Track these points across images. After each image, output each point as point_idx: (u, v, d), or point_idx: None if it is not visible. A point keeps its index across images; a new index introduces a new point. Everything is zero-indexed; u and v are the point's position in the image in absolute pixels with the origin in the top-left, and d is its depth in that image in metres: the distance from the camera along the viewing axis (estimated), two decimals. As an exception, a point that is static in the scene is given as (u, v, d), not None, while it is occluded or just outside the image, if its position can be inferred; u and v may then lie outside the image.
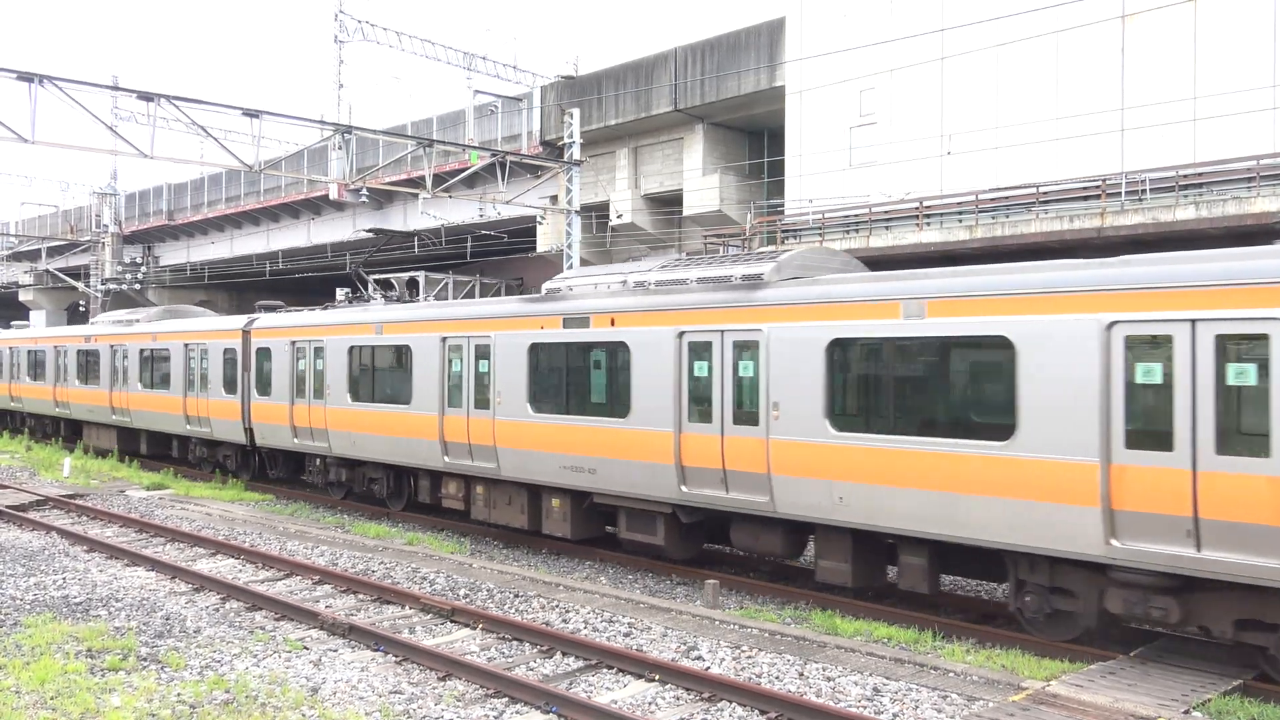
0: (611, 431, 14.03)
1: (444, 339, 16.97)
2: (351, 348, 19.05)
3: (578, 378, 14.80)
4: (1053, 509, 9.94)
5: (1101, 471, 9.59)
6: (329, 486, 21.03)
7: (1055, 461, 9.91)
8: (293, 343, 20.57)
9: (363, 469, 19.81)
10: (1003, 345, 10.37)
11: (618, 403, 14.11)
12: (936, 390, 11.09)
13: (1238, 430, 9.01)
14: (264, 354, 21.63)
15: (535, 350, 15.34)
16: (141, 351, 26.38)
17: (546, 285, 15.85)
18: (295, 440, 20.58)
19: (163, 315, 28.08)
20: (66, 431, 33.24)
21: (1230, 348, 9.00)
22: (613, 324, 14.15)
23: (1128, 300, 9.54)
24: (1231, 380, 8.98)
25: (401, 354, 18.00)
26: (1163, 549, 9.28)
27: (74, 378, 30.23)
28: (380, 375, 18.58)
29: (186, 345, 24.38)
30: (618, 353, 14.14)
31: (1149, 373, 9.41)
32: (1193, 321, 9.14)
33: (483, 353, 16.21)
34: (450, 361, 16.86)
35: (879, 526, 11.43)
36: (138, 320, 28.15)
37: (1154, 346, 9.41)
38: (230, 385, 22.67)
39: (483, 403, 16.15)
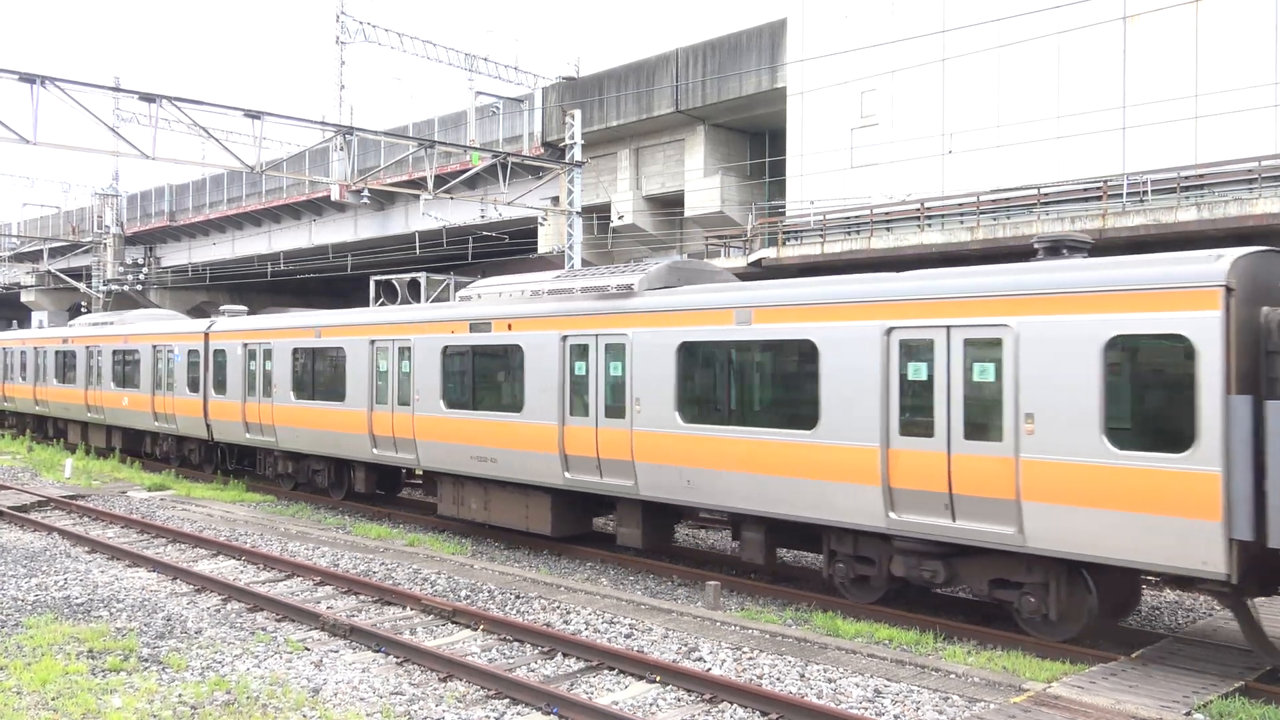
0: None
1: None
2: None
3: None
4: None
5: None
6: None
7: None
8: None
9: None
10: None
11: None
12: None
13: None
14: None
15: None
16: (733, 351, 12.96)
17: None
18: None
19: (673, 274, 14.82)
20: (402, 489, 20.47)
21: None
22: None
23: None
24: None
25: None
26: None
27: (475, 392, 16.52)
28: None
29: (935, 332, 11.03)
30: None
31: None
32: None
33: None
34: None
35: None
36: (650, 285, 14.51)
37: None
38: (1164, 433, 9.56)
39: None
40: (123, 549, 15.53)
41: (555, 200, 33.97)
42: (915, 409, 11.09)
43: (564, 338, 14.98)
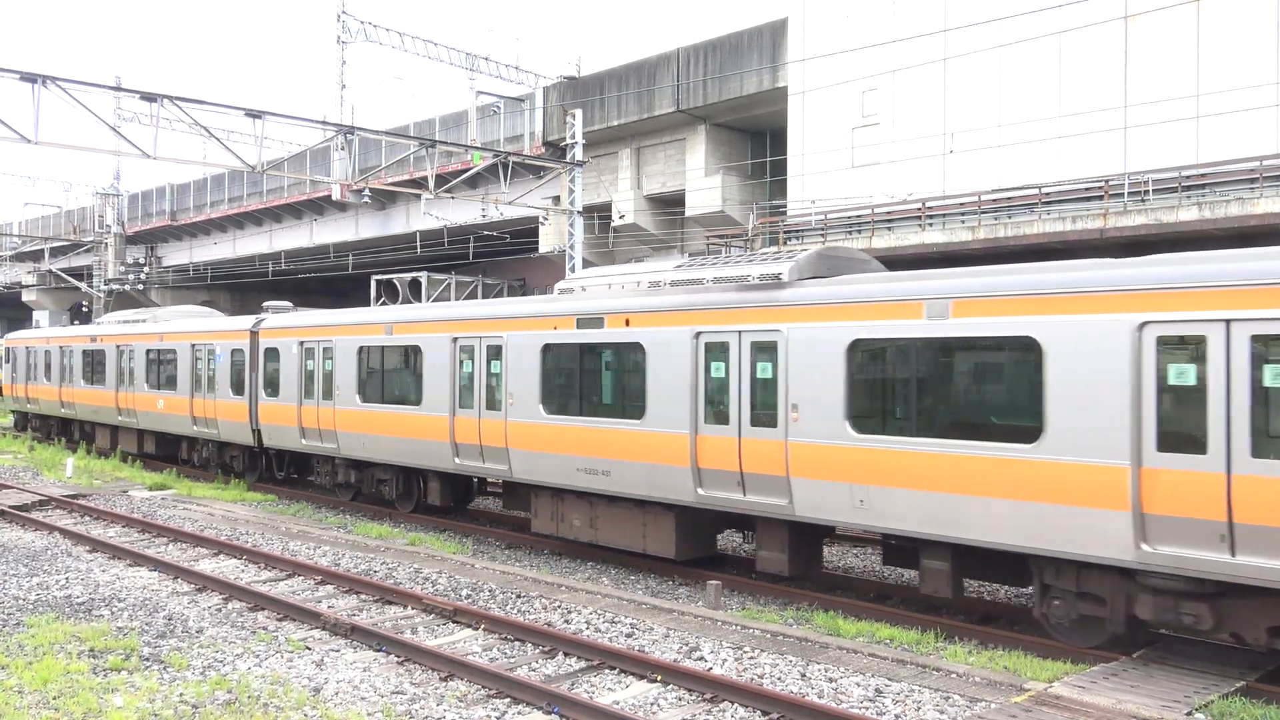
0: None
1: None
2: None
3: None
4: None
5: None
6: None
7: None
8: None
9: None
10: None
11: None
12: None
13: None
14: None
15: None
16: (925, 350, 11.37)
17: None
18: None
19: (823, 263, 13.36)
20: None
21: None
22: None
23: None
24: None
25: None
26: None
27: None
28: None
29: None
30: None
31: None
32: None
33: None
34: None
35: None
36: (801, 275, 12.99)
37: None
38: None
39: None
40: (124, 548, 15.54)
41: (556, 200, 33.95)
42: (1179, 420, 9.36)
43: (697, 335, 13.21)
